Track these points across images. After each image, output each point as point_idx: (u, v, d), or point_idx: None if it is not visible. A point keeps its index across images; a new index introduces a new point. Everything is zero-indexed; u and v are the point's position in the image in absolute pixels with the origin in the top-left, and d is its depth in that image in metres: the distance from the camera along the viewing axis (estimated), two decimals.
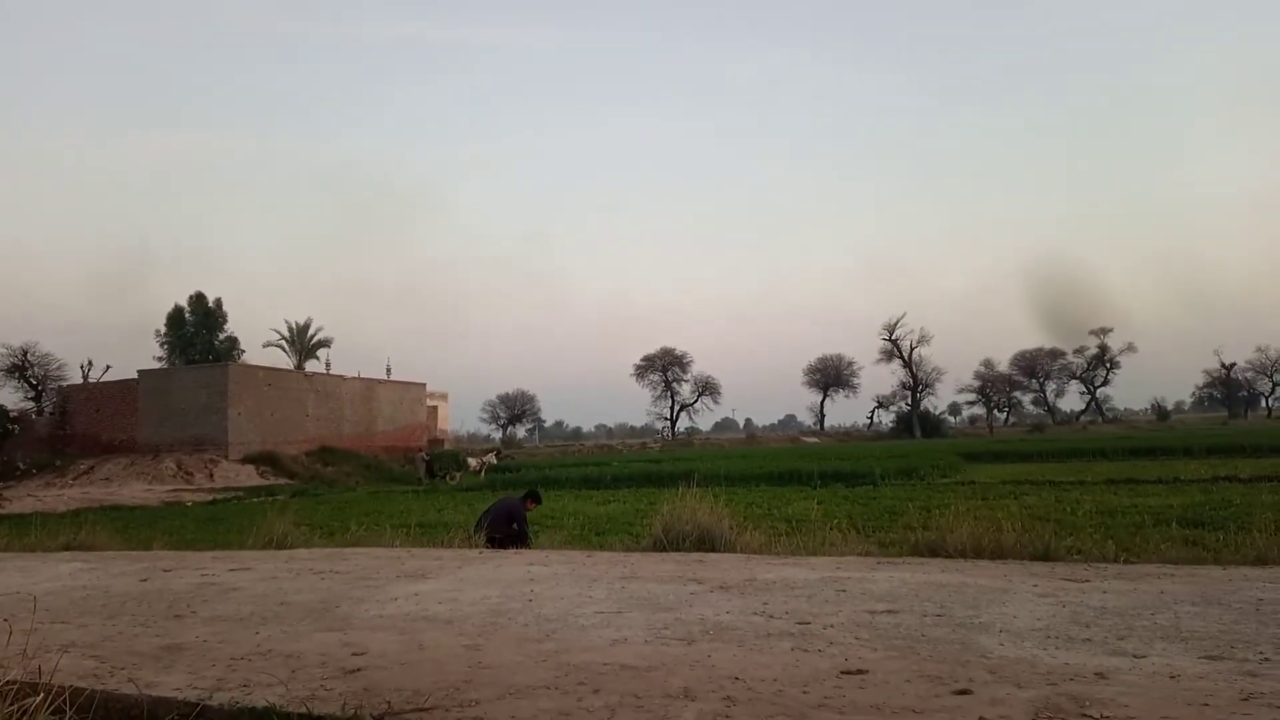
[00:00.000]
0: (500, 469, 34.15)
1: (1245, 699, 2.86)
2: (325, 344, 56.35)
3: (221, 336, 48.83)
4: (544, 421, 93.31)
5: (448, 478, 33.11)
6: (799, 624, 4.26)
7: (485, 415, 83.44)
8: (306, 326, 56.87)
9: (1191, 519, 10.12)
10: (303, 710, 3.12)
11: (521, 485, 24.69)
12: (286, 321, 56.91)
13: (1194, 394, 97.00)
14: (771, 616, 4.46)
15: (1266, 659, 3.33)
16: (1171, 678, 3.16)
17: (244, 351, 48.83)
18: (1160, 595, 4.70)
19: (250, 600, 5.51)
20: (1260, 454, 26.18)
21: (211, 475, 33.45)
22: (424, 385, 49.95)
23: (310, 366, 52.27)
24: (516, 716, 2.98)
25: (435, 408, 53.06)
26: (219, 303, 48.88)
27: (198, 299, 48.58)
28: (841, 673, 3.40)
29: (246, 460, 35.65)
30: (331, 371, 47.00)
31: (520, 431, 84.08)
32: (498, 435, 79.39)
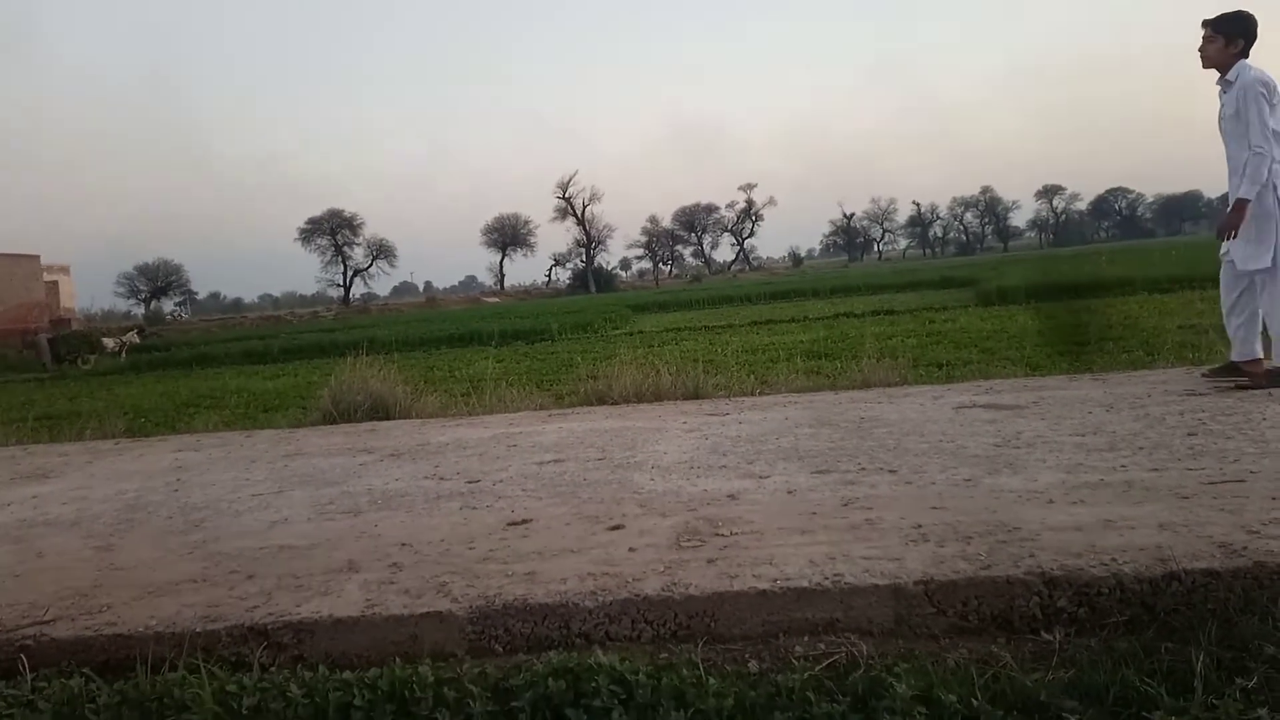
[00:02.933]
0: (145, 348, 30.45)
1: (845, 505, 3.39)
2: None
3: None
4: (196, 294, 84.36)
5: (79, 361, 28.92)
6: (469, 483, 4.34)
7: (122, 290, 73.61)
8: None
9: (815, 352, 11.65)
10: None
11: (174, 365, 22.32)
12: None
13: (822, 242, 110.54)
14: (442, 479, 4.49)
15: (863, 468, 3.96)
16: (789, 493, 3.66)
17: None
18: (785, 421, 5.39)
19: None
20: (871, 292, 30.64)
21: None
22: (37, 257, 42.58)
23: None
24: (156, 616, 2.74)
25: (55, 283, 45.61)
26: None
27: None
28: (508, 524, 3.52)
29: None
30: None
31: (168, 306, 75.34)
32: (139, 312, 70.46)
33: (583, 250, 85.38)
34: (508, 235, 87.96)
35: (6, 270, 39.81)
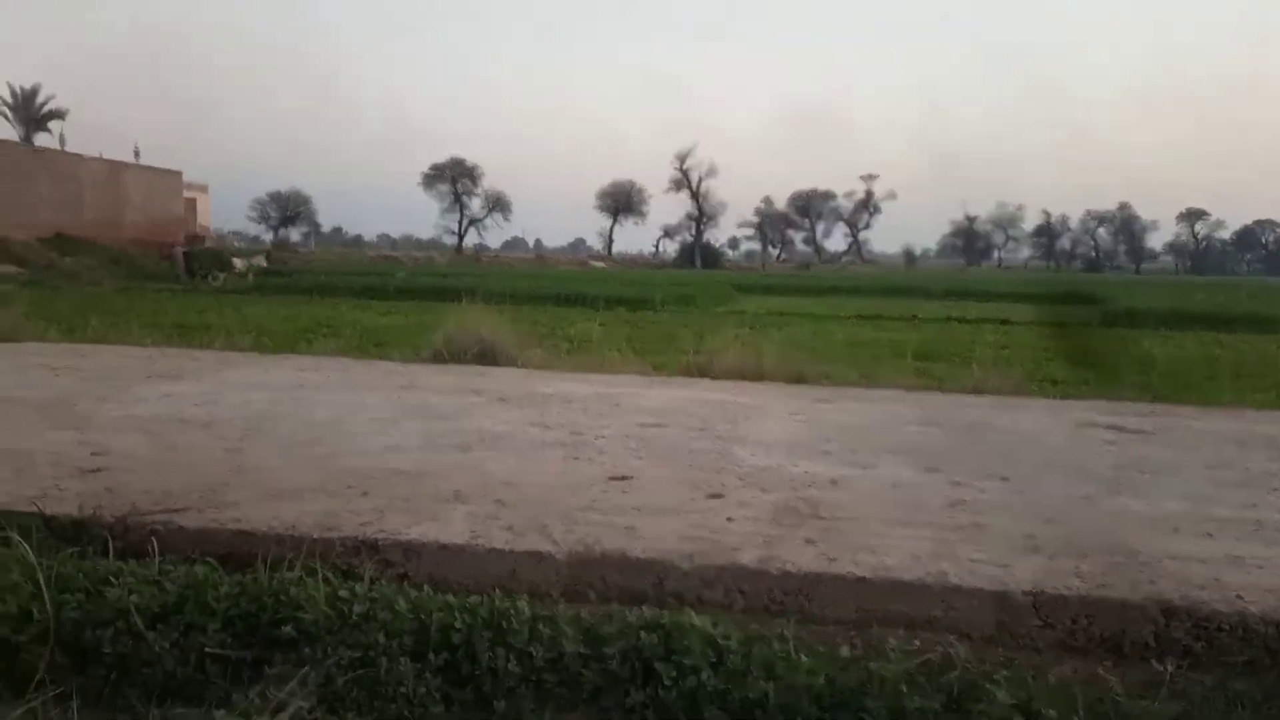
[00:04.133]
0: (271, 273, 31.97)
1: (953, 505, 3.32)
2: (58, 115, 48.79)
3: None
4: (321, 226, 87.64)
5: (211, 278, 30.59)
6: (573, 434, 4.42)
7: (254, 214, 77.03)
8: (34, 92, 48.89)
9: (924, 352, 11.34)
10: (31, 509, 2.87)
11: (296, 291, 23.38)
12: (9, 85, 48.60)
13: (939, 242, 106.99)
14: (547, 428, 4.59)
15: (973, 472, 3.85)
16: (894, 486, 3.60)
17: None
18: (892, 415, 5.28)
19: None
20: (986, 299, 29.58)
21: None
22: (179, 174, 44.91)
23: (42, 141, 45.32)
24: (278, 518, 2.91)
25: (194, 200, 48.13)
26: None
27: None
28: (609, 479, 3.58)
29: None
30: (68, 149, 41.01)
31: (294, 235, 78.67)
32: (268, 237, 73.88)
33: (693, 224, 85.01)
34: (621, 201, 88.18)
35: (152, 182, 42.15)
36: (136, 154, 43.21)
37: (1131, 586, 2.48)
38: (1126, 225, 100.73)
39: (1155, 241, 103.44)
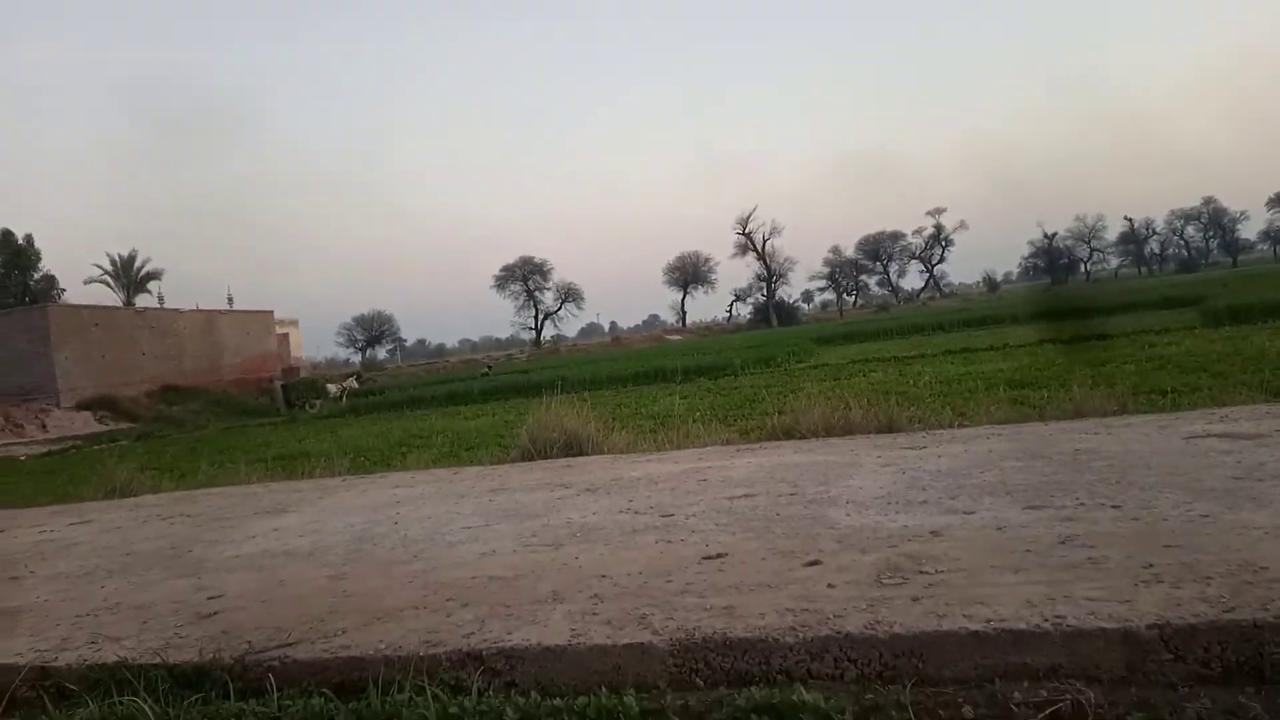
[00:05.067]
0: (364, 393, 33.17)
1: (1063, 542, 3.17)
2: (155, 276, 52.60)
3: (36, 276, 44.65)
4: (405, 341, 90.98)
5: (307, 406, 31.93)
6: (663, 517, 4.41)
7: (342, 339, 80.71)
8: (132, 259, 52.76)
9: (1018, 381, 10.97)
10: (156, 660, 3.00)
11: (387, 408, 24.16)
12: (109, 255, 52.54)
13: (1020, 264, 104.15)
14: (637, 513, 4.59)
15: (1081, 504, 3.68)
16: (998, 529, 3.46)
17: (64, 290, 45.03)
18: (989, 454, 5.11)
19: (93, 553, 5.21)
20: (1078, 316, 28.52)
21: (44, 426, 30.97)
22: (270, 313, 47.52)
23: (142, 302, 48.68)
24: (385, 640, 2.97)
25: (286, 335, 50.71)
26: (29, 239, 44.50)
27: (4, 236, 43.97)
28: (703, 559, 3.55)
29: (81, 407, 33.18)
30: (166, 306, 43.88)
31: (381, 353, 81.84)
32: (357, 359, 76.93)
33: (763, 284, 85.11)
34: (689, 273, 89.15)
35: (245, 324, 44.67)
36: (230, 300, 45.95)
37: (1263, 605, 2.31)
38: (1215, 219, 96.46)
39: (1249, 231, 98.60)
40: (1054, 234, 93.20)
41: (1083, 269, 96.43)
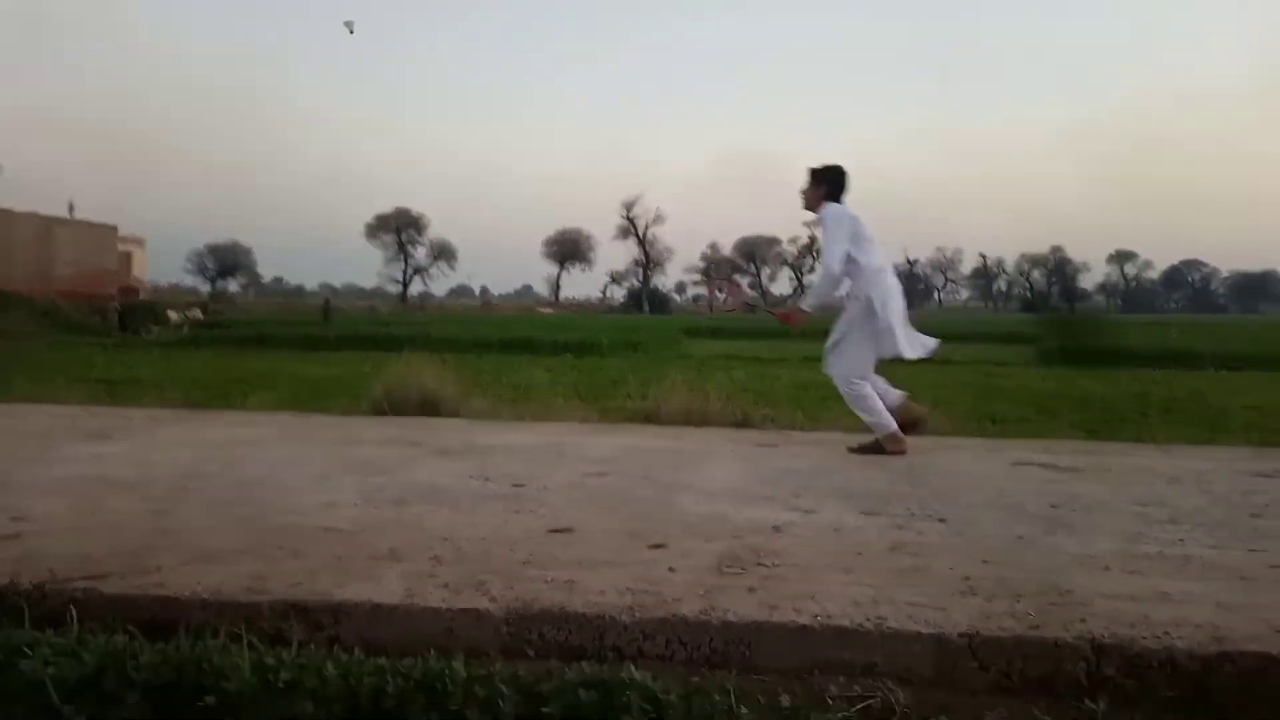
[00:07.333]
0: (207, 324, 31.32)
1: (892, 549, 3.33)
2: None
3: None
4: (261, 277, 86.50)
5: (144, 331, 29.85)
6: (514, 486, 4.37)
7: (191, 266, 75.90)
8: None
9: None
10: None
11: (232, 343, 22.90)
12: None
13: None
14: (488, 480, 4.53)
15: (913, 514, 3.88)
16: (835, 530, 3.61)
17: None
18: (835, 458, 5.32)
19: None
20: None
21: None
22: (114, 228, 43.97)
23: None
24: (203, 583, 2.80)
25: (129, 254, 47.16)
26: None
27: None
28: (550, 531, 3.53)
29: None
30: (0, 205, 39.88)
31: (233, 286, 77.42)
32: (206, 289, 72.53)
33: (640, 270, 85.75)
34: (568, 249, 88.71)
35: (84, 237, 41.20)
36: (70, 209, 42.27)
37: (1063, 625, 2.51)
38: (1059, 267, 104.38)
39: (1087, 282, 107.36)
40: (916, 260, 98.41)
41: (937, 297, 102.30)
